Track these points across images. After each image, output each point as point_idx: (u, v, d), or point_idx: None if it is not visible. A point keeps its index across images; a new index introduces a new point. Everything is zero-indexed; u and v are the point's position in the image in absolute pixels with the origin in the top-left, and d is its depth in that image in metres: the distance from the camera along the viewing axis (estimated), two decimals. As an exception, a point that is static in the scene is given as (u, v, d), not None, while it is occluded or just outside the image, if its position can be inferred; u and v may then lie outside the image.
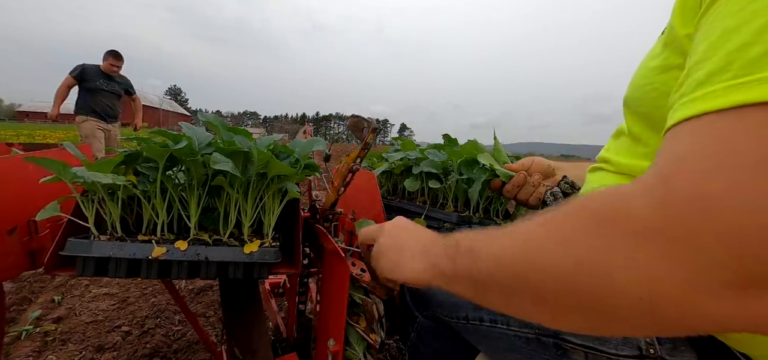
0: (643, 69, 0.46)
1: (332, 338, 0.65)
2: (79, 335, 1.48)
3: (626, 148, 0.50)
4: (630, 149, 0.50)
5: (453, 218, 0.87)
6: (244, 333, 0.77)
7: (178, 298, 0.83)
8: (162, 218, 0.62)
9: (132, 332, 1.53)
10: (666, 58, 0.40)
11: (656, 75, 0.42)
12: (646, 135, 0.46)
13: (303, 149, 0.71)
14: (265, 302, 1.32)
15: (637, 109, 0.47)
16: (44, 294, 1.81)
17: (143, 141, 0.61)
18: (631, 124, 0.48)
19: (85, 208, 0.58)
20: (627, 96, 0.49)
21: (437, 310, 0.66)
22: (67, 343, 1.43)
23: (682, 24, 0.37)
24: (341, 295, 0.63)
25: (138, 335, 1.51)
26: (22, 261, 0.59)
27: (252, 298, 0.80)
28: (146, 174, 0.62)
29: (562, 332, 0.48)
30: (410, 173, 1.00)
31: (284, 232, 0.75)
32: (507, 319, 0.54)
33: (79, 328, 1.53)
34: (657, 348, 0.42)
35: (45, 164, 0.54)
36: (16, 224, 0.58)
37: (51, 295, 1.80)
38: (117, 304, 1.74)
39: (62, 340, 1.44)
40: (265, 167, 0.62)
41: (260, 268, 0.61)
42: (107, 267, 0.56)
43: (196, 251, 0.58)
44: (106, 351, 1.39)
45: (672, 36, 0.39)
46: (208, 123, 0.67)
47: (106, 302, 1.74)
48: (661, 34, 0.45)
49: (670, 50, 0.40)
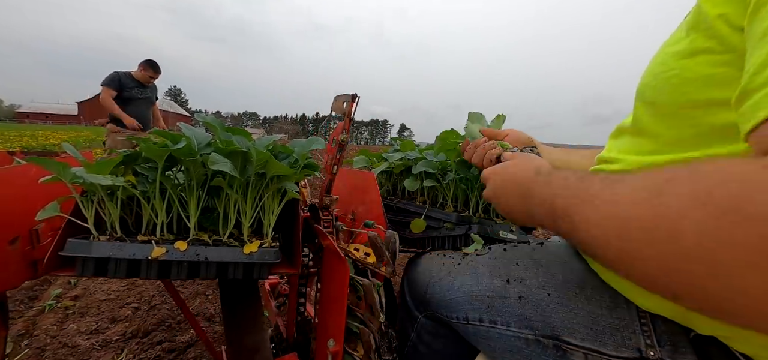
0: (662, 55, 0.44)
1: (332, 338, 0.65)
2: (95, 310, 1.74)
3: (630, 145, 0.49)
4: (635, 146, 0.48)
5: (453, 218, 0.86)
6: (243, 333, 0.77)
7: (178, 298, 0.83)
8: (161, 218, 0.62)
9: (141, 308, 1.77)
10: (692, 42, 0.38)
11: (678, 60, 0.40)
12: (656, 126, 0.43)
13: (302, 149, 0.71)
14: (265, 302, 1.32)
15: (654, 98, 0.44)
16: (62, 277, 2.00)
17: (142, 141, 0.61)
18: (642, 115, 0.46)
19: (84, 208, 0.58)
20: (642, 84, 0.46)
21: (437, 310, 0.66)
22: (84, 316, 1.68)
23: (713, 4, 0.35)
24: (341, 295, 0.63)
25: (146, 310, 1.75)
26: (23, 270, 0.60)
27: (252, 299, 0.80)
28: (145, 174, 0.62)
29: (562, 334, 0.48)
30: (410, 173, 1.00)
31: (284, 233, 0.75)
32: (507, 321, 0.54)
33: (95, 304, 1.78)
34: (657, 349, 0.42)
35: (45, 164, 0.55)
36: (18, 234, 0.58)
37: (67, 277, 2.00)
38: (127, 285, 1.99)
39: (80, 314, 1.69)
40: (264, 167, 0.62)
41: (260, 269, 0.61)
42: (107, 267, 0.56)
43: (196, 251, 0.58)
44: (119, 322, 1.64)
45: (699, 18, 0.37)
46: (206, 123, 0.67)
47: (117, 284, 2.00)
48: (683, 20, 0.43)
49: (698, 33, 0.37)
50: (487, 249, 0.70)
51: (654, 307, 0.43)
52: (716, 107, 0.36)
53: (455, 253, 0.72)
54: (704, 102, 0.37)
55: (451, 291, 0.64)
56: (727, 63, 0.35)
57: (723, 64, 0.35)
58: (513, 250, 0.65)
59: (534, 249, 0.62)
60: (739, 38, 0.33)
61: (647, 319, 0.43)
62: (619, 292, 0.47)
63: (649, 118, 0.44)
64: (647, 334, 0.43)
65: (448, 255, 0.73)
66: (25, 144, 12.05)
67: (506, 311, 0.55)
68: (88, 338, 1.47)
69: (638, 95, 0.47)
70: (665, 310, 0.42)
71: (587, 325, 0.47)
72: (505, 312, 0.55)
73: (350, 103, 0.67)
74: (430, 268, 0.72)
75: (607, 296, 0.47)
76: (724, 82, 0.35)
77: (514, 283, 0.56)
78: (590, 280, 0.50)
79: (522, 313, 0.53)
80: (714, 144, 0.37)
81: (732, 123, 0.32)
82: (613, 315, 0.46)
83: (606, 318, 0.46)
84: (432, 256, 0.76)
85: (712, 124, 0.36)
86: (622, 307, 0.46)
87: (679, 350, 0.41)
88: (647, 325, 0.43)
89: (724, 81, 0.34)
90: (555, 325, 0.49)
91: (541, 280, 0.54)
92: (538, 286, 0.54)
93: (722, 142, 0.36)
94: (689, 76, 0.38)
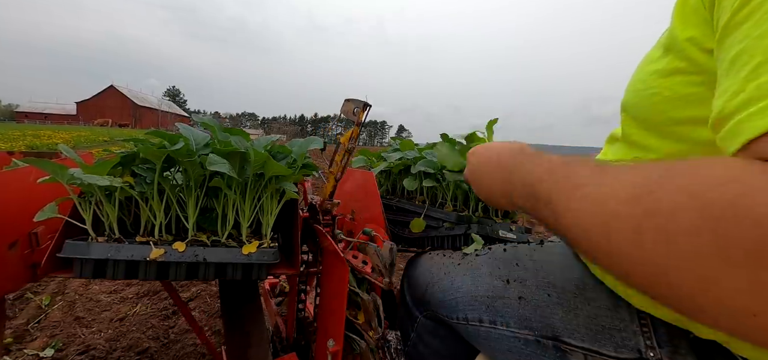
0: (641, 73, 0.44)
1: (331, 338, 0.65)
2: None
3: (622, 154, 0.49)
4: (626, 155, 0.48)
5: (452, 217, 0.86)
6: (243, 333, 0.77)
7: (178, 298, 0.83)
8: (160, 219, 0.61)
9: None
10: (668, 63, 0.39)
11: (657, 79, 0.40)
12: (645, 140, 0.44)
13: (300, 149, 0.71)
14: (264, 302, 1.32)
15: (636, 114, 0.45)
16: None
17: (140, 142, 0.61)
18: (629, 128, 0.47)
19: (82, 209, 0.58)
20: (625, 100, 0.47)
21: (437, 310, 0.66)
22: (104, 280, 1.89)
23: (682, 28, 0.36)
24: (340, 295, 0.63)
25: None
26: (23, 274, 0.59)
27: (251, 299, 0.80)
28: (143, 175, 0.62)
29: (562, 335, 0.48)
30: (409, 173, 1.00)
31: (283, 233, 0.75)
32: (506, 321, 0.54)
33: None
34: (657, 350, 0.41)
35: (42, 165, 0.54)
36: (17, 238, 0.58)
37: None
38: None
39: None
40: (262, 168, 0.62)
41: (259, 269, 0.61)
42: (105, 269, 0.56)
43: (195, 252, 0.58)
44: (133, 284, 1.93)
45: (672, 40, 0.38)
46: (204, 124, 0.67)
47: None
48: (660, 38, 0.44)
49: (672, 55, 0.38)
50: (486, 249, 0.70)
51: (654, 309, 0.43)
52: (700, 124, 0.36)
53: (455, 253, 0.72)
54: (686, 119, 0.38)
55: (450, 291, 0.64)
56: (700, 83, 0.35)
57: (697, 84, 0.36)
58: (513, 250, 0.65)
59: (534, 249, 0.62)
60: (709, 59, 0.34)
61: (647, 321, 0.43)
62: (619, 294, 0.47)
63: (637, 132, 0.45)
64: (647, 335, 0.43)
65: (447, 255, 0.73)
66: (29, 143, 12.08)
67: (506, 312, 0.55)
68: (108, 295, 1.85)
69: (623, 109, 0.48)
70: (665, 313, 0.42)
71: (587, 326, 0.47)
72: (505, 312, 0.55)
73: (361, 111, 0.65)
74: (430, 268, 0.72)
75: (606, 297, 0.47)
76: (701, 101, 0.35)
77: (513, 283, 0.56)
78: (590, 281, 0.50)
79: (522, 313, 0.53)
80: (706, 155, 0.37)
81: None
82: (613, 316, 0.46)
83: (606, 319, 0.46)
84: (432, 255, 0.76)
85: (701, 139, 0.37)
86: (622, 308, 0.46)
87: (679, 352, 0.41)
88: (647, 327, 0.43)
89: (702, 100, 0.35)
90: (555, 325, 0.49)
91: (541, 280, 0.54)
92: (538, 287, 0.54)
93: (715, 155, 0.36)
94: (668, 95, 0.38)
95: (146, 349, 1.42)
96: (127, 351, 1.41)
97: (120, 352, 1.40)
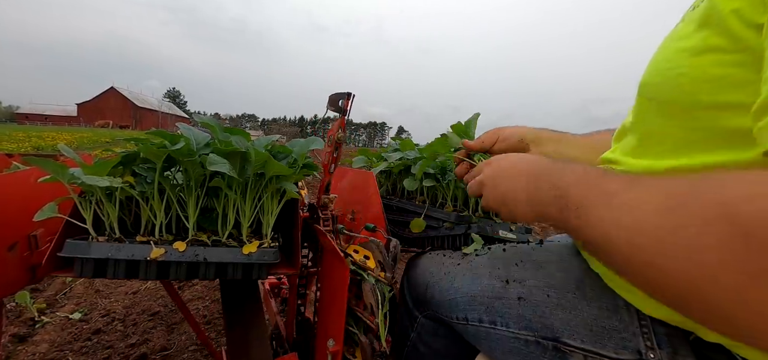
0: (666, 51, 0.41)
1: (332, 338, 0.65)
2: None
3: (633, 147, 0.46)
4: (637, 149, 0.45)
5: (452, 218, 0.86)
6: (243, 333, 0.77)
7: (177, 298, 0.83)
8: (160, 219, 0.62)
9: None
10: (703, 40, 0.35)
11: (687, 57, 0.36)
12: (665, 126, 0.40)
13: (301, 149, 0.71)
14: (264, 302, 1.32)
15: (657, 95, 0.41)
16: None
17: (141, 142, 0.61)
18: (646, 113, 0.43)
19: (82, 209, 0.58)
20: (645, 80, 0.43)
21: (437, 310, 0.66)
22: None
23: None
24: (340, 295, 0.63)
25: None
26: (22, 276, 0.59)
27: (251, 299, 0.80)
28: (144, 175, 0.62)
29: (562, 336, 0.48)
30: (409, 173, 1.00)
31: (283, 233, 0.75)
32: (506, 321, 0.54)
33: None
34: (657, 351, 0.41)
35: (42, 165, 0.54)
36: (17, 240, 0.58)
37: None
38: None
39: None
40: (262, 167, 0.62)
41: (259, 269, 0.61)
42: (105, 268, 0.56)
43: (195, 252, 0.58)
44: None
45: (711, 12, 0.34)
46: (204, 124, 0.67)
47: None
48: (689, 11, 0.40)
49: (710, 30, 0.34)
50: (486, 249, 0.69)
51: (654, 310, 0.43)
52: (728, 110, 0.33)
53: (455, 253, 0.72)
54: (715, 104, 0.34)
55: (450, 291, 0.64)
56: (739, 63, 0.32)
57: (735, 65, 0.32)
58: (512, 250, 0.65)
59: (533, 249, 0.62)
60: (754, 36, 0.30)
61: (647, 322, 0.43)
62: (619, 294, 0.47)
63: (655, 117, 0.41)
64: (647, 336, 0.42)
65: (447, 255, 0.73)
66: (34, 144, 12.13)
67: (506, 312, 0.55)
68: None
69: (641, 92, 0.44)
70: (665, 314, 0.42)
71: (587, 327, 0.47)
72: (505, 313, 0.55)
73: (346, 101, 0.69)
74: (430, 268, 0.72)
75: (607, 298, 0.47)
76: (736, 85, 0.32)
77: (513, 283, 0.56)
78: (590, 282, 0.50)
79: (521, 314, 0.53)
80: (724, 148, 0.35)
81: (745, 128, 0.30)
82: (614, 317, 0.45)
83: (606, 320, 0.46)
84: (432, 255, 0.76)
85: (724, 127, 0.34)
86: (622, 309, 0.45)
87: (679, 353, 0.40)
88: (647, 328, 0.43)
89: (737, 83, 0.32)
90: (555, 326, 0.49)
91: (541, 280, 0.54)
92: (538, 287, 0.53)
93: (733, 147, 0.34)
94: (699, 75, 0.35)
95: (157, 312, 1.70)
96: (141, 314, 1.69)
97: (136, 315, 1.68)
